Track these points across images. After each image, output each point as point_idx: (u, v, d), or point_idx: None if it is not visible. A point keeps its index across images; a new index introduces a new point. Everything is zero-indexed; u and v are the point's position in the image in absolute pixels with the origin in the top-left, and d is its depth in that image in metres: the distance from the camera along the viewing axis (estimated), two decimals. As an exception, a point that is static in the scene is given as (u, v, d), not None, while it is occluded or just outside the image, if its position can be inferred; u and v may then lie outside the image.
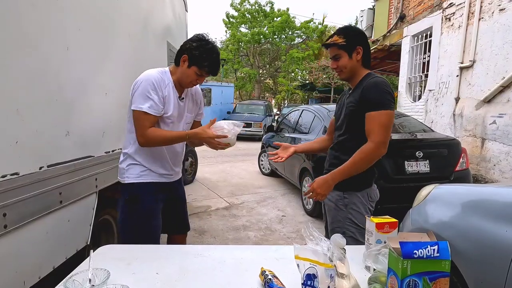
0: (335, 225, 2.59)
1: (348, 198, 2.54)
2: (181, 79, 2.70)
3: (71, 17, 2.69)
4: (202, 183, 9.26)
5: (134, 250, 2.02)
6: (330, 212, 2.68)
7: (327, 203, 2.70)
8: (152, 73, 2.64)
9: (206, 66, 2.64)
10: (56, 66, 2.51)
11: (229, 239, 5.46)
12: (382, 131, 2.37)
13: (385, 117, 2.38)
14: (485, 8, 7.98)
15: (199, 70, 2.65)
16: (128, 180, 2.71)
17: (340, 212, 2.57)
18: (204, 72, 2.67)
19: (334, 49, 2.57)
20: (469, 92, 8.43)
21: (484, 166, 7.77)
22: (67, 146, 2.68)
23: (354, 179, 2.50)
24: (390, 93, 2.42)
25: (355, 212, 2.53)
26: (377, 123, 2.38)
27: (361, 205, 2.55)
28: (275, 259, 1.88)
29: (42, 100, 2.36)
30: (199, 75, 2.67)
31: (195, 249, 2.06)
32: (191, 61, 2.64)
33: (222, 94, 24.15)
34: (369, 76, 2.52)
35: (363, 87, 2.48)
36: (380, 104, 2.38)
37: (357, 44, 2.52)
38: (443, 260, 1.34)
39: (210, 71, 2.70)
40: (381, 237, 1.81)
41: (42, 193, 2.34)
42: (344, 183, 2.50)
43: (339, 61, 2.57)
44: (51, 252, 2.54)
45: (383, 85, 2.42)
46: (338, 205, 2.58)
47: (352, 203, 2.54)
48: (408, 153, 5.37)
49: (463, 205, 2.70)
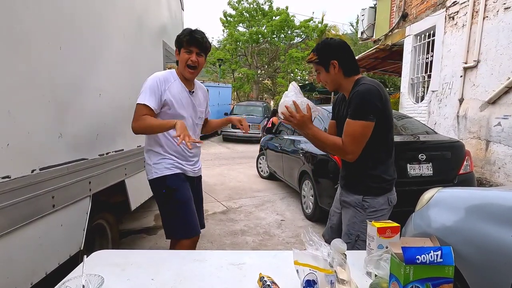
0: (351, 228, 2.63)
1: (369, 202, 2.59)
2: (181, 69, 3.06)
3: (64, 16, 2.70)
4: (198, 186, 9.22)
5: (129, 256, 2.02)
6: (347, 214, 2.71)
7: (345, 205, 2.74)
8: (159, 73, 3.06)
9: (184, 38, 2.98)
10: (49, 66, 2.52)
11: (227, 244, 5.44)
12: (353, 141, 2.47)
13: (359, 128, 2.44)
14: (490, 6, 8.00)
15: (184, 48, 3.00)
16: (159, 173, 3.04)
17: (358, 214, 2.61)
18: (187, 44, 2.99)
19: (314, 65, 2.72)
20: (473, 93, 8.44)
21: (488, 169, 7.78)
22: (60, 149, 2.68)
23: (374, 184, 2.59)
24: (372, 104, 2.44)
25: (373, 217, 2.56)
26: (351, 132, 2.47)
27: (381, 210, 2.60)
28: (273, 265, 1.88)
29: (34, 101, 2.36)
30: (187, 52, 3.00)
31: (191, 255, 2.06)
32: (178, 46, 3.05)
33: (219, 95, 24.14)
34: (358, 83, 2.56)
35: (351, 95, 2.55)
36: (358, 113, 2.44)
37: (330, 59, 2.60)
38: (447, 266, 1.34)
39: (189, 40, 2.98)
40: (383, 242, 1.81)
41: (34, 196, 2.34)
42: (364, 188, 2.60)
43: (320, 75, 2.71)
44: (43, 258, 2.54)
45: (368, 94, 2.45)
46: (357, 208, 2.62)
47: (372, 206, 2.58)
48: (411, 155, 5.41)
49: (467, 209, 2.71)
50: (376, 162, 2.59)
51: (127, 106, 2.88)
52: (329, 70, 2.62)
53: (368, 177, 2.60)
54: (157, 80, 2.95)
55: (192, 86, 3.17)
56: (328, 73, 2.63)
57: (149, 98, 2.88)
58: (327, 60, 2.61)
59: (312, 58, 2.67)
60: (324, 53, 2.63)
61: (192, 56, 3.00)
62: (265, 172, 10.59)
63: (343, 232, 2.72)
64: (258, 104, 25.02)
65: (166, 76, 3.02)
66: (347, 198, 2.70)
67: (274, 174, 9.63)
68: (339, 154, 2.60)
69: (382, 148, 2.61)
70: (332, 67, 2.60)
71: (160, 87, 2.93)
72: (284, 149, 8.32)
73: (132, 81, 3.92)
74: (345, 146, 2.48)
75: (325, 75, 2.66)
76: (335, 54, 2.62)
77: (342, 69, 2.61)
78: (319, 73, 2.70)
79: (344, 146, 2.49)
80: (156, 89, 2.92)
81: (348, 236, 2.62)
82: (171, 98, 2.97)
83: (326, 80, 2.68)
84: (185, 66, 3.01)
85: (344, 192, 2.76)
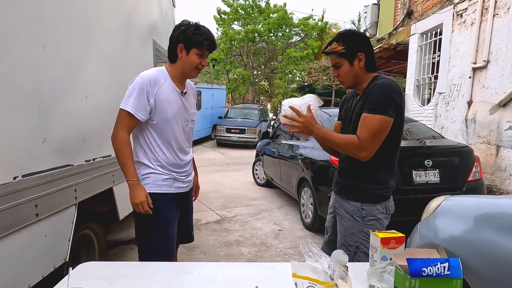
0: (348, 238, 2.62)
1: (367, 210, 2.58)
2: (185, 71, 2.91)
3: (48, 13, 2.70)
4: (191, 194, 9.21)
5: (117, 268, 2.02)
6: (343, 223, 2.69)
7: (340, 213, 2.72)
8: (147, 72, 2.86)
9: (203, 41, 2.81)
10: (32, 67, 2.52)
11: (221, 256, 5.44)
12: (370, 137, 2.43)
13: (378, 123, 2.41)
14: (500, 3, 8.02)
15: (199, 50, 2.82)
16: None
17: (356, 224, 2.60)
18: (205, 49, 2.85)
19: (334, 57, 2.60)
20: (482, 95, 8.46)
21: (499, 176, 7.80)
22: (44, 154, 2.68)
23: (374, 190, 2.58)
24: (392, 98, 2.43)
25: (372, 226, 2.54)
26: (368, 126, 2.43)
27: (379, 219, 2.59)
28: (270, 278, 1.89)
29: (17, 104, 2.36)
30: (200, 55, 2.85)
31: (183, 267, 2.07)
32: (188, 45, 2.81)
33: (213, 97, 24.13)
34: (376, 79, 2.54)
35: (369, 90, 2.51)
36: (377, 107, 2.42)
37: (358, 51, 2.54)
38: (454, 279, 1.35)
39: (210, 45, 2.87)
40: (387, 254, 1.81)
41: (16, 205, 2.33)
42: (363, 194, 2.58)
43: (339, 69, 2.60)
44: (26, 270, 2.53)
45: (388, 88, 2.45)
46: (354, 216, 2.61)
47: (371, 215, 2.57)
48: (416, 161, 5.41)
49: (476, 218, 2.72)
50: (381, 165, 2.59)
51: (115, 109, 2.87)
52: (353, 64, 2.55)
53: (369, 181, 2.60)
54: (146, 81, 2.76)
55: (184, 86, 3.02)
56: (352, 67, 2.56)
57: (136, 105, 2.73)
58: (354, 52, 2.53)
59: (337, 48, 2.55)
60: (352, 44, 2.54)
61: (203, 60, 2.89)
62: (261, 179, 10.60)
63: (339, 242, 2.70)
64: (254, 107, 25.04)
65: (156, 76, 2.83)
66: (343, 205, 2.69)
67: (271, 181, 9.63)
68: (353, 151, 2.50)
69: (391, 152, 2.60)
70: (358, 60, 2.54)
71: (150, 90, 2.76)
72: (282, 154, 8.34)
73: (120, 82, 3.90)
74: (361, 142, 2.42)
75: (347, 69, 2.57)
76: (362, 46, 2.57)
77: (366, 63, 2.57)
78: (338, 67, 2.60)
79: (361, 142, 2.43)
80: (145, 93, 2.75)
81: (346, 247, 2.60)
82: (162, 102, 2.81)
83: (347, 74, 2.59)
84: (195, 68, 2.89)
85: (340, 199, 2.75)
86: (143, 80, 2.77)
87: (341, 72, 2.60)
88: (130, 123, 2.77)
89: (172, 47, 2.87)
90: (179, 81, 2.96)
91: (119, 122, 2.77)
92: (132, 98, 2.73)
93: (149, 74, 2.83)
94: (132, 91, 2.75)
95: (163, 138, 2.88)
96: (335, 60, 2.60)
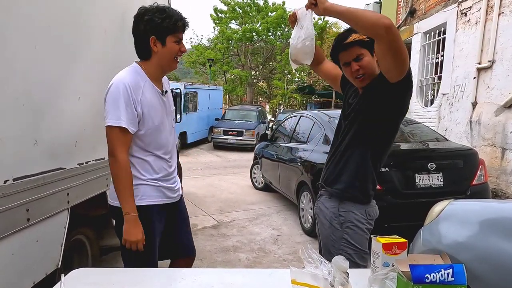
0: (330, 246, 2.60)
1: (344, 216, 2.54)
2: (164, 65, 2.68)
3: (40, 11, 2.70)
4: (187, 198, 9.18)
5: (111, 274, 2.02)
6: (323, 230, 2.67)
7: (320, 218, 2.70)
8: (124, 77, 2.59)
9: (176, 24, 2.56)
10: (23, 67, 2.52)
11: (218, 262, 5.44)
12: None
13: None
14: (506, 1, 8.05)
15: (175, 35, 2.58)
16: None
17: (335, 231, 2.57)
18: (180, 30, 2.61)
19: (356, 49, 2.42)
20: (487, 96, 8.49)
21: (504, 180, 7.81)
22: (35, 157, 2.68)
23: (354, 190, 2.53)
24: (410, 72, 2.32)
25: (351, 232, 2.52)
26: None
27: (358, 224, 2.54)
28: (269, 284, 1.89)
29: (7, 105, 2.36)
30: (177, 41, 2.61)
31: (179, 273, 2.07)
32: (161, 34, 2.55)
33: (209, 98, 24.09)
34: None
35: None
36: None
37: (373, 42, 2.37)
38: (459, 286, 1.35)
39: (184, 25, 2.64)
40: (389, 260, 1.81)
41: (7, 209, 2.33)
42: (342, 192, 2.55)
43: (362, 61, 2.42)
44: (16, 277, 2.53)
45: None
46: (332, 223, 2.58)
47: (349, 221, 2.53)
48: (419, 165, 5.36)
49: (481, 223, 2.72)
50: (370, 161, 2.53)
51: (109, 110, 2.87)
52: (373, 55, 2.41)
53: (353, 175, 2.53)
54: (127, 89, 2.49)
55: (162, 84, 2.78)
56: (373, 58, 2.42)
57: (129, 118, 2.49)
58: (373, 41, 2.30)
59: (360, 37, 2.37)
60: None
61: (182, 45, 2.64)
62: (259, 183, 10.59)
63: (322, 249, 2.68)
64: (252, 108, 25.04)
65: (135, 80, 2.56)
66: (322, 206, 2.66)
67: (270, 185, 9.63)
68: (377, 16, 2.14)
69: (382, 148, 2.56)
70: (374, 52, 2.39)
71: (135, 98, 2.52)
72: (281, 157, 8.35)
73: (114, 83, 3.91)
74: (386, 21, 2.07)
75: (370, 60, 2.41)
76: None
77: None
78: (361, 59, 2.41)
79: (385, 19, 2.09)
80: (131, 102, 2.50)
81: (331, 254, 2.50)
82: (148, 108, 2.59)
83: (370, 66, 2.43)
84: (174, 58, 2.66)
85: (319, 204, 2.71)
86: (124, 87, 2.50)
87: (363, 64, 2.41)
88: (126, 141, 2.53)
89: (141, 42, 2.62)
90: (157, 80, 2.72)
91: (115, 142, 2.49)
92: (121, 111, 2.47)
93: (127, 79, 2.55)
94: (116, 102, 2.48)
95: (151, 147, 2.68)
96: (357, 52, 2.42)
